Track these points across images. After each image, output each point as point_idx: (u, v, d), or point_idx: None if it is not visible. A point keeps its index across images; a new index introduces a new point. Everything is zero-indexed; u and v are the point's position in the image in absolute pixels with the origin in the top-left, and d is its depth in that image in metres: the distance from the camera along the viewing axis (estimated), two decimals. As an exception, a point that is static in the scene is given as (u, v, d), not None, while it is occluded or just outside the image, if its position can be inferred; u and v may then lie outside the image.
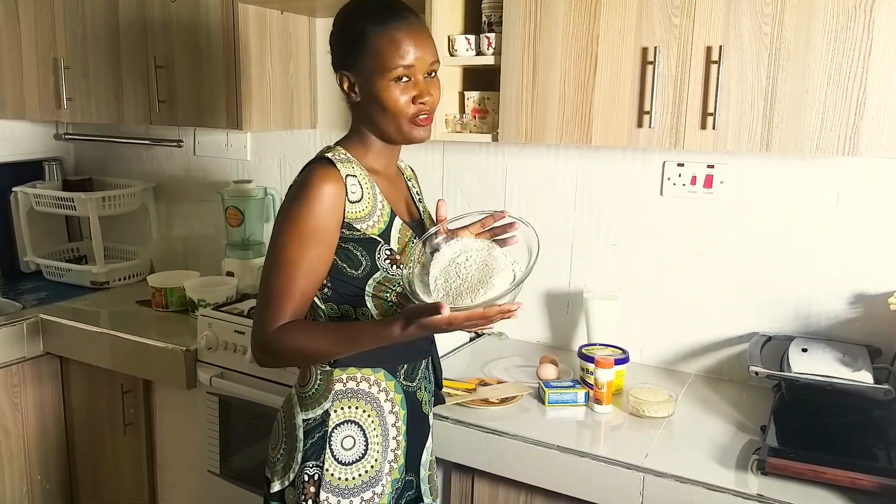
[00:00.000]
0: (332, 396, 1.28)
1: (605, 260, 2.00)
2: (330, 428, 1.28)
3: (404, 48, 1.21)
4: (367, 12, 1.23)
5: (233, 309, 2.10)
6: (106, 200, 2.61)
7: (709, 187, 1.85)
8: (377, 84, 1.22)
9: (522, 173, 2.08)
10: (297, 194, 1.21)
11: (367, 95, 1.25)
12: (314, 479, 1.28)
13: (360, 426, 1.30)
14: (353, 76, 1.25)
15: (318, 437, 1.28)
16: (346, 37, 1.25)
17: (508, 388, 1.73)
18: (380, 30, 1.21)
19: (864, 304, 1.72)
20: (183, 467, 2.20)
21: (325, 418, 1.28)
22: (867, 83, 1.40)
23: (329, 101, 2.39)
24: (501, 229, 1.27)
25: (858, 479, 1.29)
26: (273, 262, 1.21)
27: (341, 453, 1.29)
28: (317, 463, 1.28)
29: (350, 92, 1.27)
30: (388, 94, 1.22)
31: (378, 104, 1.24)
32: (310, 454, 1.28)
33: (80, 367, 2.32)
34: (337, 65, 1.28)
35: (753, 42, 1.48)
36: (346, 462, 1.29)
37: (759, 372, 1.55)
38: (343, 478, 1.28)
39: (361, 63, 1.23)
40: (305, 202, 1.19)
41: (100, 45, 2.37)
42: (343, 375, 1.29)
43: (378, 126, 1.27)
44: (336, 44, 1.28)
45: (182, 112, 2.25)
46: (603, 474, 1.45)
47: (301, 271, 1.20)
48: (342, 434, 1.29)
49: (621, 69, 1.61)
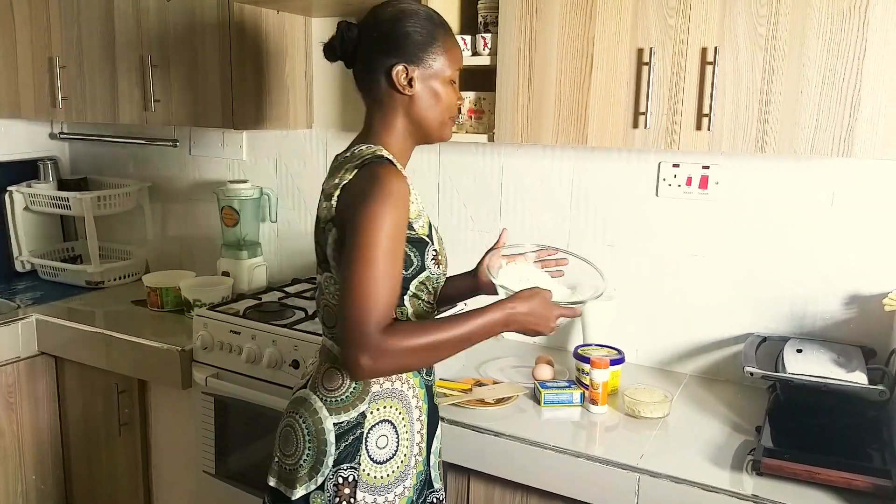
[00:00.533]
0: (370, 398, 1.29)
1: (600, 260, 1.99)
2: (366, 429, 1.29)
3: (459, 55, 1.35)
4: (434, 17, 1.33)
5: (228, 309, 2.10)
6: (101, 200, 2.61)
7: (704, 188, 1.85)
8: (438, 82, 1.32)
9: (518, 174, 2.08)
10: (375, 193, 1.18)
11: (424, 90, 1.31)
12: (349, 481, 1.28)
13: (393, 425, 1.31)
14: (415, 69, 1.30)
15: (352, 439, 1.28)
16: (417, 34, 1.29)
17: (504, 388, 1.73)
18: (446, 35, 1.33)
19: (859, 305, 1.73)
20: (178, 467, 2.20)
21: (361, 420, 1.29)
22: (861, 84, 1.41)
23: (325, 100, 2.39)
24: (554, 262, 1.49)
25: (853, 479, 1.29)
26: (365, 264, 1.15)
27: (376, 452, 1.30)
28: (351, 465, 1.28)
29: (405, 84, 1.29)
30: (445, 91, 1.33)
31: (433, 98, 1.32)
32: (343, 457, 1.28)
33: (75, 367, 2.32)
34: (394, 58, 1.29)
35: (748, 43, 1.48)
36: (381, 461, 1.30)
37: (754, 373, 1.55)
38: (378, 476, 1.30)
39: (427, 60, 1.30)
40: (387, 201, 1.17)
41: (95, 44, 2.37)
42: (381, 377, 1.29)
43: (423, 120, 1.33)
44: (402, 38, 1.29)
45: (177, 111, 2.24)
46: (598, 475, 1.45)
47: (393, 270, 1.18)
48: (377, 434, 1.30)
49: (617, 70, 1.61)
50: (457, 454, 1.59)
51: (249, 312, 2.06)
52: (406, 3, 1.32)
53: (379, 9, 1.33)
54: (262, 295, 2.26)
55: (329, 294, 1.31)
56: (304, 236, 2.51)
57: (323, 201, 1.28)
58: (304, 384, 1.37)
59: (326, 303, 1.33)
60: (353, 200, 1.21)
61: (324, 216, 1.27)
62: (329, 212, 1.25)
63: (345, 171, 1.25)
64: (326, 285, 1.31)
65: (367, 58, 1.32)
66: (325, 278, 1.31)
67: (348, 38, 1.32)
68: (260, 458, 2.00)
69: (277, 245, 2.56)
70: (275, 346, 1.91)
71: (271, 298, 2.22)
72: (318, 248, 1.33)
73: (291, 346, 1.88)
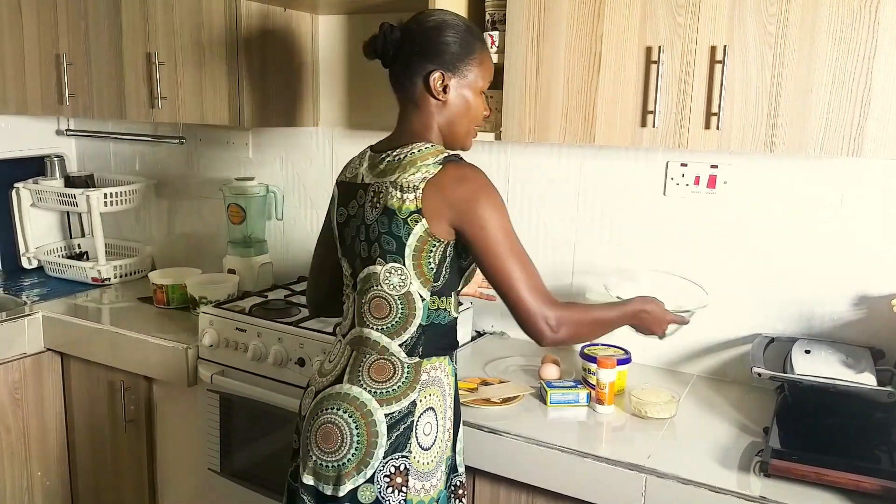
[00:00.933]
0: (420, 386, 1.35)
1: (608, 260, 2.00)
2: (416, 417, 1.34)
3: (491, 69, 1.43)
4: (473, 30, 1.41)
5: (234, 306, 2.10)
6: (108, 197, 2.61)
7: (712, 187, 1.84)
8: (470, 90, 1.39)
9: (525, 172, 2.07)
10: (490, 191, 1.32)
11: (457, 98, 1.39)
12: (401, 470, 1.32)
13: (434, 412, 1.37)
14: (451, 77, 1.37)
15: (403, 428, 1.32)
16: (456, 44, 1.37)
17: (510, 387, 1.73)
18: (483, 48, 1.41)
19: (868, 306, 1.72)
20: (183, 465, 2.20)
21: (412, 408, 1.33)
22: (872, 84, 1.40)
23: (331, 99, 2.38)
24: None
25: (861, 481, 1.28)
26: (519, 253, 1.32)
27: (423, 439, 1.35)
28: (402, 454, 1.32)
29: (440, 90, 1.37)
30: (476, 101, 1.41)
31: (464, 107, 1.40)
32: (395, 446, 1.32)
33: (81, 364, 2.32)
34: (432, 64, 1.36)
35: (758, 42, 1.47)
36: (427, 447, 1.35)
37: (762, 373, 1.55)
38: (425, 462, 1.35)
39: (463, 70, 1.37)
40: (498, 194, 1.33)
41: (102, 40, 2.37)
42: (428, 365, 1.37)
43: (451, 125, 1.40)
44: (442, 45, 1.36)
45: (184, 109, 2.24)
46: (605, 475, 1.44)
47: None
48: (424, 421, 1.35)
49: (625, 68, 1.60)
50: (463, 453, 1.58)
51: (255, 310, 2.05)
52: (449, 15, 1.40)
53: (423, 16, 1.40)
54: (268, 293, 2.26)
55: (388, 286, 1.34)
56: (309, 234, 2.50)
57: (396, 193, 1.32)
58: (336, 379, 1.37)
59: (378, 294, 1.35)
60: (459, 196, 1.30)
61: (405, 207, 1.31)
62: (415, 203, 1.30)
63: (427, 166, 1.32)
64: (386, 276, 1.34)
65: (408, 61, 1.38)
66: (387, 269, 1.33)
67: (390, 40, 1.38)
68: (265, 456, 2.00)
69: (283, 243, 2.56)
70: (280, 344, 1.90)
71: (277, 296, 2.22)
72: (386, 239, 1.33)
73: (297, 344, 1.88)
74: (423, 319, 1.35)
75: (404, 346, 1.35)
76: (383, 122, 2.33)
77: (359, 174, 1.42)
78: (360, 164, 1.43)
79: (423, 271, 1.32)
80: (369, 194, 1.37)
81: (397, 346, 1.35)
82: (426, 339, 1.36)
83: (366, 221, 1.37)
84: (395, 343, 1.35)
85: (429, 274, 1.33)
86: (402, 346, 1.35)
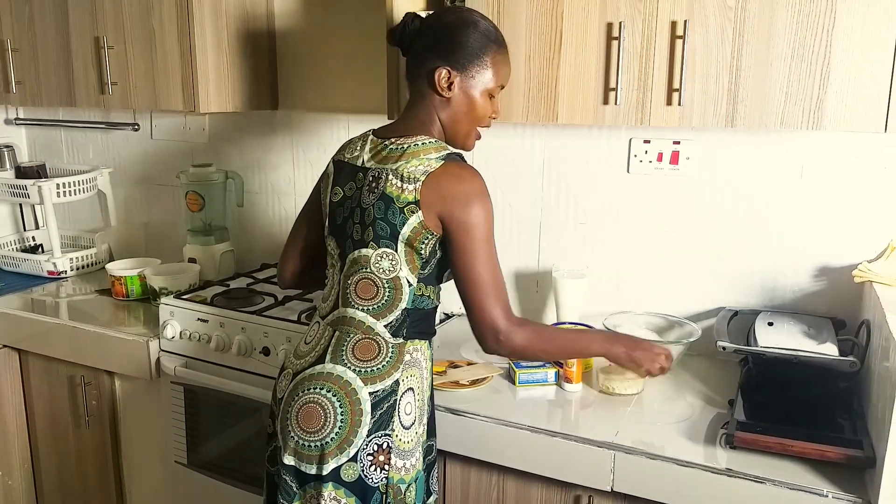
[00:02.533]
0: (403, 366, 1.37)
1: (573, 239, 1.99)
2: (399, 395, 1.35)
3: (506, 73, 1.45)
4: (492, 31, 1.42)
5: (196, 297, 2.06)
6: (60, 187, 2.52)
7: (675, 163, 1.84)
8: (476, 91, 1.40)
9: (489, 153, 2.05)
10: (482, 194, 1.33)
11: (461, 96, 1.40)
12: (384, 448, 1.34)
13: (414, 393, 1.39)
14: (457, 75, 1.38)
15: (387, 406, 1.34)
16: (469, 44, 1.38)
17: (479, 369, 1.72)
18: (499, 50, 1.42)
19: (828, 277, 1.74)
20: (149, 458, 2.16)
21: (395, 387, 1.35)
22: (831, 56, 1.40)
23: (290, 81, 2.33)
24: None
25: (826, 450, 1.30)
26: (491, 258, 1.34)
27: (405, 418, 1.37)
28: (385, 432, 1.34)
29: (444, 87, 1.38)
30: (481, 103, 1.42)
31: (467, 106, 1.41)
32: (378, 424, 1.33)
33: (40, 360, 2.26)
34: (440, 60, 1.38)
35: (718, 16, 1.47)
36: (407, 426, 1.37)
37: (726, 347, 1.56)
38: (406, 440, 1.37)
39: (471, 69, 1.39)
40: (489, 201, 1.34)
41: (47, 25, 2.28)
42: (410, 347, 1.39)
43: (454, 122, 1.42)
44: (453, 43, 1.38)
45: (135, 94, 2.17)
46: (574, 453, 1.45)
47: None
48: (406, 400, 1.37)
49: (586, 45, 1.59)
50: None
51: (217, 300, 2.01)
52: (470, 14, 1.42)
53: (444, 11, 1.45)
54: (230, 281, 2.22)
55: (378, 269, 1.35)
56: (271, 220, 2.46)
57: (395, 180, 1.33)
58: (317, 360, 1.37)
59: (367, 277, 1.37)
60: (452, 194, 1.31)
61: (403, 197, 1.32)
62: (414, 194, 1.31)
63: (429, 160, 1.33)
64: (377, 260, 1.35)
65: (420, 53, 1.40)
66: (379, 253, 1.35)
67: (410, 29, 1.41)
68: (232, 446, 1.97)
69: (245, 230, 2.51)
70: (244, 334, 1.87)
71: (240, 285, 2.18)
72: (381, 224, 1.34)
73: (261, 334, 1.85)
74: (409, 303, 1.37)
75: (389, 326, 1.37)
76: (344, 105, 2.31)
77: (360, 157, 1.42)
78: (362, 147, 1.43)
79: (412, 259, 1.35)
80: (368, 178, 1.37)
81: (382, 327, 1.37)
82: (411, 321, 1.38)
83: (361, 204, 1.37)
84: (381, 324, 1.37)
85: (418, 262, 1.35)
86: (387, 326, 1.37)
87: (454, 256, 1.34)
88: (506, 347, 1.35)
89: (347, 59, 2.21)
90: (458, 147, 1.45)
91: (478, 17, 1.41)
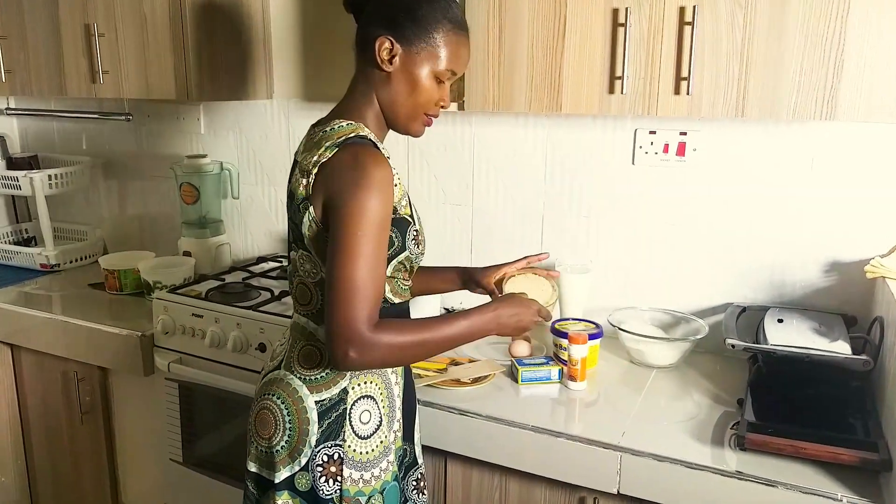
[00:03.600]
0: (350, 374, 1.27)
1: (576, 232, 1.94)
2: (349, 405, 1.27)
3: (462, 58, 1.28)
4: (449, 7, 1.26)
5: (190, 291, 2.01)
6: (53, 179, 2.48)
7: (681, 155, 1.79)
8: (422, 70, 1.24)
9: (491, 143, 2.00)
10: (359, 182, 1.14)
11: (403, 73, 1.24)
12: (334, 459, 1.26)
13: (374, 400, 1.30)
14: (400, 48, 1.23)
15: (335, 416, 1.26)
16: (420, 15, 1.23)
17: (480, 366, 1.68)
18: (455, 30, 1.25)
19: (839, 272, 1.69)
20: (144, 456, 2.12)
21: (343, 396, 1.27)
22: (845, 44, 1.35)
23: (285, 70, 2.27)
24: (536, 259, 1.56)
25: (840, 453, 1.26)
26: (351, 256, 1.12)
27: (360, 428, 1.28)
28: (336, 442, 1.26)
29: (385, 59, 1.24)
30: (426, 85, 1.25)
31: (409, 86, 1.25)
32: (326, 435, 1.26)
33: (32, 355, 2.22)
34: (385, 29, 1.23)
35: (728, 2, 1.41)
36: (365, 436, 1.28)
37: (735, 345, 1.51)
38: (363, 451, 1.28)
39: (418, 44, 1.23)
40: (372, 190, 1.14)
41: (37, 12, 2.22)
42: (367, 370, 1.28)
43: (393, 103, 1.27)
44: (400, 12, 1.23)
45: (127, 83, 2.12)
46: (579, 454, 1.40)
47: (380, 261, 1.17)
48: (360, 409, 1.28)
49: (591, 32, 1.53)
50: (433, 436, 1.54)
51: (212, 294, 1.97)
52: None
53: None
54: (226, 275, 2.17)
55: (304, 272, 1.27)
56: (268, 213, 2.41)
57: (299, 176, 1.23)
58: (277, 365, 1.32)
59: (301, 280, 1.29)
60: (334, 185, 1.16)
61: (299, 193, 1.22)
62: (307, 189, 1.20)
63: (324, 149, 1.20)
64: (301, 263, 1.27)
65: (367, 20, 1.27)
66: (300, 256, 1.26)
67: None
68: (228, 444, 1.93)
69: (240, 222, 2.46)
70: (239, 330, 1.82)
71: (235, 279, 2.13)
72: (291, 225, 1.27)
73: (257, 329, 1.80)
74: None
75: None
76: (339, 94, 2.23)
77: (299, 149, 1.32)
78: (303, 139, 1.33)
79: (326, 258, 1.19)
80: (293, 173, 1.28)
81: (323, 333, 1.23)
82: None
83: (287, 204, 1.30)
84: (321, 330, 1.27)
85: None
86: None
87: (328, 247, 1.16)
88: (357, 363, 1.14)
89: (342, 46, 2.15)
90: (401, 132, 1.31)
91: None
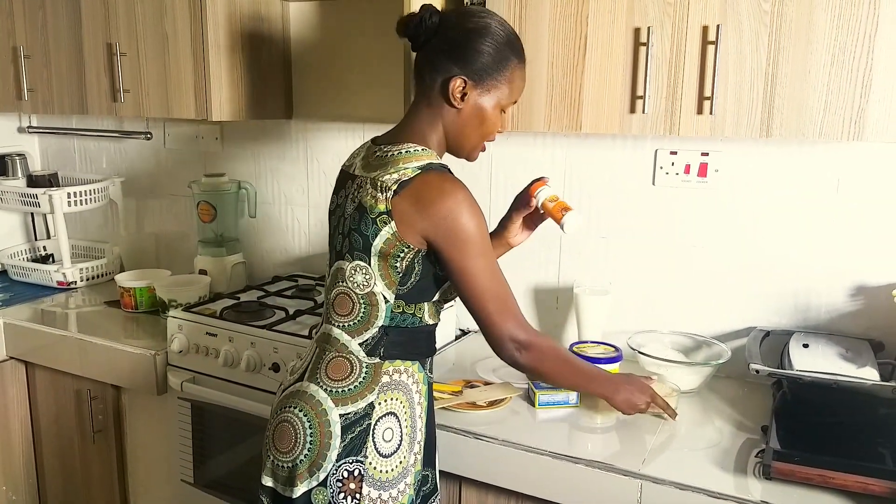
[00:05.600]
0: (379, 389, 1.28)
1: (595, 253, 1.92)
2: (374, 421, 1.27)
3: (521, 88, 1.36)
4: (517, 44, 1.32)
5: (205, 309, 2.00)
6: (71, 196, 2.49)
7: (703, 176, 1.76)
8: (489, 105, 1.31)
9: (508, 163, 1.99)
10: (466, 204, 1.23)
11: (473, 108, 1.30)
12: (354, 475, 1.25)
13: (397, 417, 1.30)
14: (475, 88, 1.29)
15: (359, 431, 1.26)
16: (490, 56, 1.28)
17: (496, 389, 1.65)
18: (520, 65, 1.33)
19: (866, 297, 1.65)
20: (155, 476, 2.09)
21: (370, 411, 1.27)
22: (873, 63, 1.32)
23: (304, 90, 2.28)
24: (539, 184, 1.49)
25: (869, 483, 1.22)
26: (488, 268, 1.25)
27: (382, 445, 1.28)
28: (357, 458, 1.26)
29: (458, 97, 1.29)
30: (492, 117, 1.32)
31: (478, 120, 1.31)
32: (349, 450, 1.25)
33: (46, 373, 2.21)
34: (456, 67, 1.28)
35: (752, 21, 1.39)
36: (387, 454, 1.28)
37: (760, 370, 1.47)
38: (384, 470, 1.28)
39: (489, 82, 1.29)
40: (477, 215, 1.24)
41: (61, 31, 2.25)
42: (390, 368, 1.30)
43: (461, 135, 1.33)
44: (473, 52, 1.28)
45: (148, 102, 2.13)
46: (598, 481, 1.36)
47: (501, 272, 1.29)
48: (384, 426, 1.28)
49: (612, 51, 1.52)
50: (447, 460, 1.50)
51: (227, 313, 1.95)
52: (495, 20, 1.31)
53: (467, 13, 1.32)
54: (241, 294, 2.16)
55: (352, 283, 1.28)
56: (284, 232, 2.40)
57: (371, 190, 1.25)
58: (299, 378, 1.32)
59: (343, 291, 1.30)
60: (432, 210, 1.22)
61: (377, 207, 1.24)
62: (385, 204, 1.23)
63: (407, 169, 1.24)
64: (351, 274, 1.28)
65: (435, 55, 1.30)
66: (353, 266, 1.28)
67: (427, 24, 1.29)
68: (240, 465, 1.91)
69: (257, 241, 2.46)
70: (253, 349, 1.81)
71: (250, 298, 2.12)
72: (351, 236, 1.28)
73: (271, 349, 1.78)
74: (386, 321, 1.29)
75: (364, 345, 1.29)
76: (360, 114, 2.25)
77: (354, 164, 1.35)
78: (359, 154, 1.37)
79: (388, 273, 1.26)
80: (353, 187, 1.31)
81: (357, 345, 1.29)
82: (388, 340, 1.29)
83: (345, 214, 1.31)
84: (356, 342, 1.29)
85: (394, 277, 1.26)
86: (361, 345, 1.29)
87: (452, 276, 1.25)
88: (531, 354, 1.27)
89: (363, 66, 2.16)
90: (463, 158, 1.37)
91: (501, 27, 1.31)
